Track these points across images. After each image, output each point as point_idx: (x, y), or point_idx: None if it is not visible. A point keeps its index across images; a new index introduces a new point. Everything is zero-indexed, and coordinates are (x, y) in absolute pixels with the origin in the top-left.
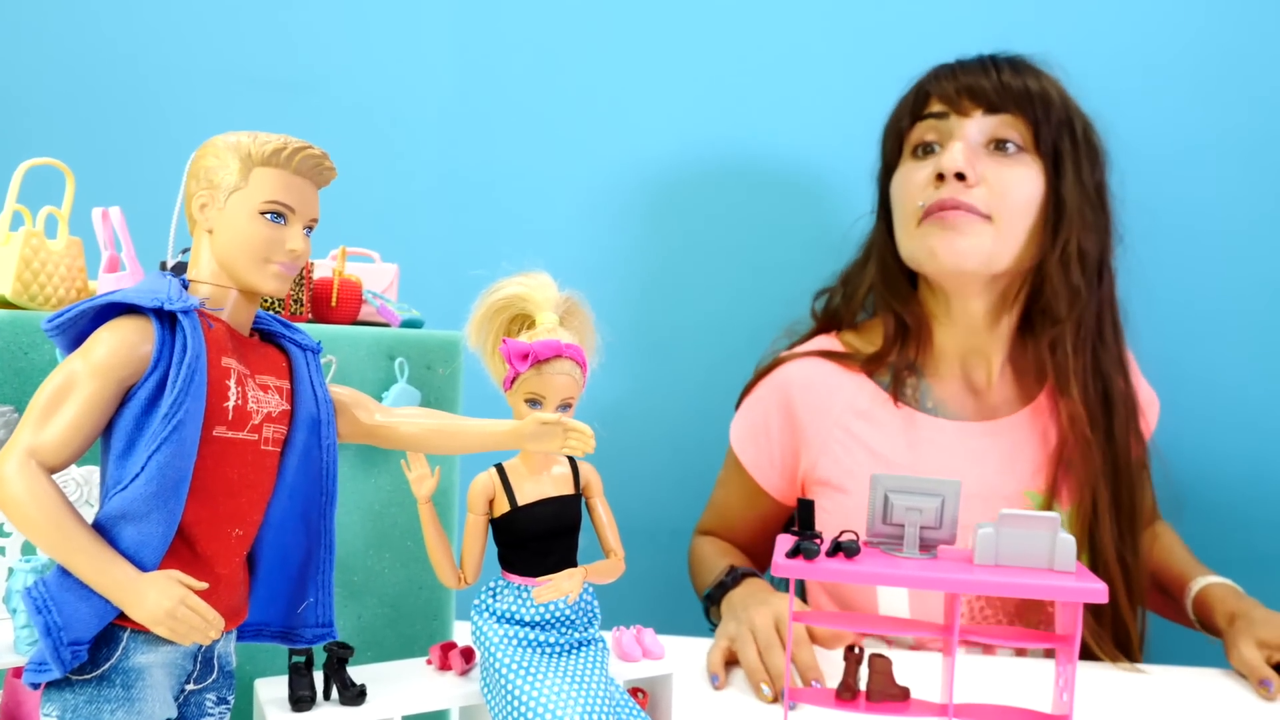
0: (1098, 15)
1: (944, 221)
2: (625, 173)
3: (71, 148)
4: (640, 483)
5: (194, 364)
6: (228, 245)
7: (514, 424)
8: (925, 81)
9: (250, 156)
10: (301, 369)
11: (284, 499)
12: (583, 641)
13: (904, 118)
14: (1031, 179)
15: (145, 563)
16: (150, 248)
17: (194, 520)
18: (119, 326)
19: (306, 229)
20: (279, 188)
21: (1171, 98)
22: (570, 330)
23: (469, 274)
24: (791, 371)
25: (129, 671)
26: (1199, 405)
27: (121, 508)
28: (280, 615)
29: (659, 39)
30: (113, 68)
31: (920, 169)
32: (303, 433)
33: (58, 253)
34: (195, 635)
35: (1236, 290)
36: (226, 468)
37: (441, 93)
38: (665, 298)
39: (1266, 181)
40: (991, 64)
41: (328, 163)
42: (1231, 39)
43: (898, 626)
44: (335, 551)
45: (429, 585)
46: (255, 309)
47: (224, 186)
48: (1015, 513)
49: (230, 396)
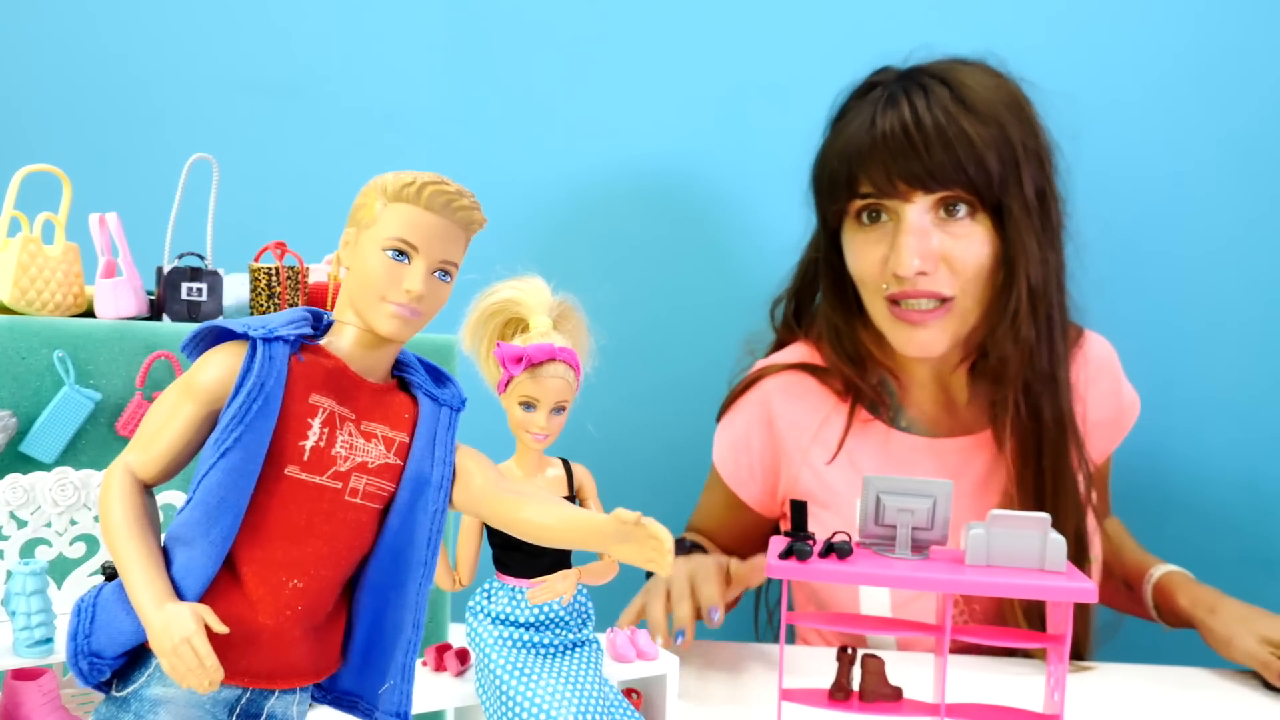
0: (1070, 17)
1: (910, 321)
2: (622, 175)
3: (68, 153)
4: (635, 485)
5: (255, 393)
6: (352, 282)
7: (599, 523)
8: (851, 159)
9: (385, 192)
10: (429, 424)
11: (385, 561)
12: (577, 642)
13: (836, 195)
14: (982, 240)
15: (186, 591)
16: (147, 253)
17: (246, 559)
18: (220, 351)
19: (440, 272)
20: (404, 224)
21: (1163, 96)
22: (564, 334)
23: (463, 278)
24: (771, 386)
25: (145, 700)
26: (1191, 407)
27: (175, 530)
28: (367, 687)
29: (652, 40)
30: (109, 73)
31: (871, 244)
32: (407, 493)
33: (55, 258)
34: (190, 679)
35: (1231, 291)
36: (293, 511)
37: (435, 97)
38: (660, 301)
39: (1263, 182)
40: (919, 133)
41: (465, 201)
42: (1230, 37)
43: (889, 627)
44: (423, 632)
45: None
46: (387, 353)
47: (362, 224)
48: (1006, 513)
49: (310, 436)
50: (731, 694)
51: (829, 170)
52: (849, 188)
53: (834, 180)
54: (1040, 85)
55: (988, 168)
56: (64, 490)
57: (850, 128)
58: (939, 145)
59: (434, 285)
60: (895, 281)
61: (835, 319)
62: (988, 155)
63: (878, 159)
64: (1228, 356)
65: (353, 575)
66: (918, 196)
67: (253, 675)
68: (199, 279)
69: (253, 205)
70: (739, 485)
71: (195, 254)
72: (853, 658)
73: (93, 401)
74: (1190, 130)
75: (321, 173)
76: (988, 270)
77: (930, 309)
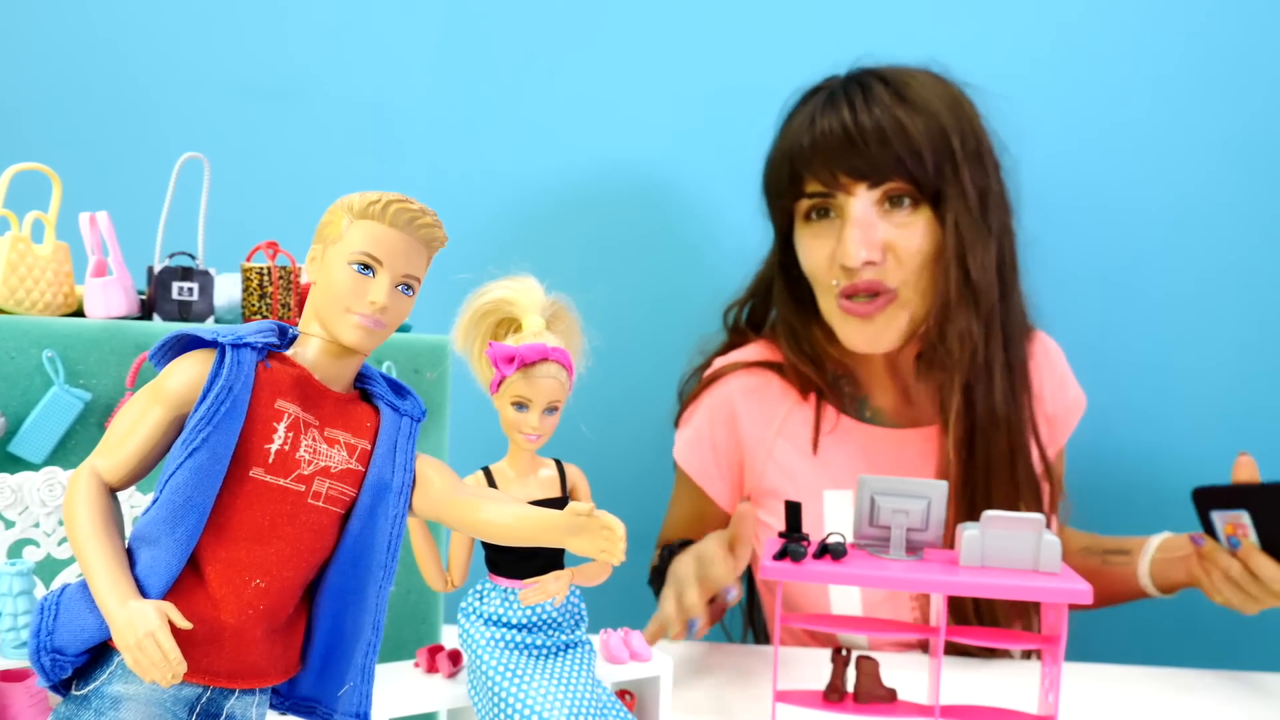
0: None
1: (858, 314)
2: (615, 176)
3: (58, 152)
4: (629, 486)
5: (224, 396)
6: (318, 295)
7: (553, 519)
8: (794, 158)
9: (352, 210)
10: (390, 432)
11: (346, 565)
12: (569, 644)
13: (783, 194)
14: (925, 230)
15: (151, 589)
16: (138, 253)
17: (210, 559)
18: (189, 358)
19: (403, 286)
20: (369, 240)
21: (1145, 91)
22: (557, 334)
23: (456, 278)
24: (733, 385)
25: (106, 697)
26: (1184, 412)
27: (140, 530)
28: (326, 692)
29: (643, 40)
30: (99, 71)
31: (819, 241)
32: (368, 498)
33: (44, 258)
34: (153, 673)
35: (1230, 293)
36: (257, 512)
37: (428, 98)
38: (655, 300)
39: (1257, 182)
40: (855, 127)
41: (427, 219)
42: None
43: (882, 628)
44: (382, 635)
45: (417, 589)
46: (351, 364)
47: (329, 240)
48: (1000, 514)
49: (275, 439)
50: (725, 696)
51: (774, 171)
52: (794, 186)
53: (779, 180)
54: (988, 88)
55: (924, 159)
56: (52, 490)
57: (792, 128)
58: (875, 138)
59: (397, 298)
60: (844, 274)
61: (792, 320)
62: (924, 147)
63: (819, 156)
64: (1226, 362)
65: (313, 581)
66: (860, 189)
67: (214, 674)
68: (190, 279)
69: (244, 205)
70: (707, 481)
71: (186, 253)
72: (847, 659)
73: (82, 401)
74: (1192, 131)
75: (314, 172)
76: (930, 260)
77: (873, 300)
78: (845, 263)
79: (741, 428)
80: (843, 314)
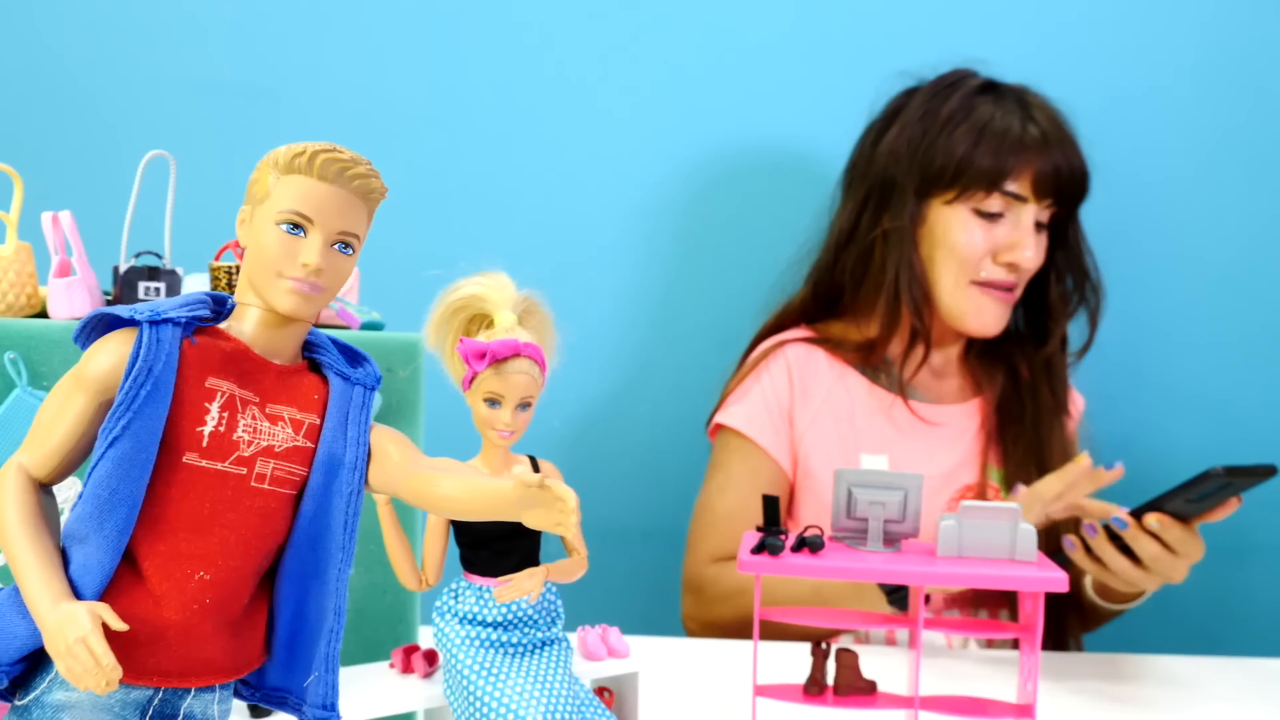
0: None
1: (997, 299)
2: (606, 172)
3: (20, 151)
4: (611, 483)
5: (143, 379)
6: (250, 261)
7: (504, 490)
8: (1010, 154)
9: (278, 164)
10: (340, 404)
11: (303, 549)
12: (546, 641)
13: (978, 182)
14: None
15: (85, 590)
16: (102, 252)
17: (147, 553)
18: (109, 339)
19: (340, 245)
20: (297, 196)
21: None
22: (529, 329)
23: (428, 275)
24: (792, 353)
25: (47, 706)
26: (1188, 412)
27: (69, 528)
28: (294, 681)
29: (638, 40)
30: (61, 70)
31: (982, 234)
32: (320, 475)
33: (6, 258)
34: (86, 680)
35: (1230, 296)
36: (195, 501)
37: (401, 95)
38: (638, 299)
39: (1253, 182)
40: (1058, 142)
41: (360, 168)
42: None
43: (862, 620)
44: (345, 620)
45: (392, 589)
46: (293, 332)
47: (257, 199)
48: (977, 504)
49: (208, 421)
50: (704, 691)
51: (958, 160)
52: (990, 181)
53: (975, 168)
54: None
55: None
56: None
57: (993, 125)
58: (1081, 177)
59: (333, 258)
60: (1006, 269)
61: (915, 291)
62: (1088, 179)
63: (1029, 155)
64: (1229, 363)
65: (271, 566)
66: (1045, 203)
67: (162, 674)
68: (157, 278)
69: (212, 204)
70: (778, 448)
71: (153, 253)
72: (826, 652)
73: None
74: (1190, 129)
75: None
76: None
77: (1011, 291)
78: (1024, 264)
79: (795, 401)
80: (979, 295)
